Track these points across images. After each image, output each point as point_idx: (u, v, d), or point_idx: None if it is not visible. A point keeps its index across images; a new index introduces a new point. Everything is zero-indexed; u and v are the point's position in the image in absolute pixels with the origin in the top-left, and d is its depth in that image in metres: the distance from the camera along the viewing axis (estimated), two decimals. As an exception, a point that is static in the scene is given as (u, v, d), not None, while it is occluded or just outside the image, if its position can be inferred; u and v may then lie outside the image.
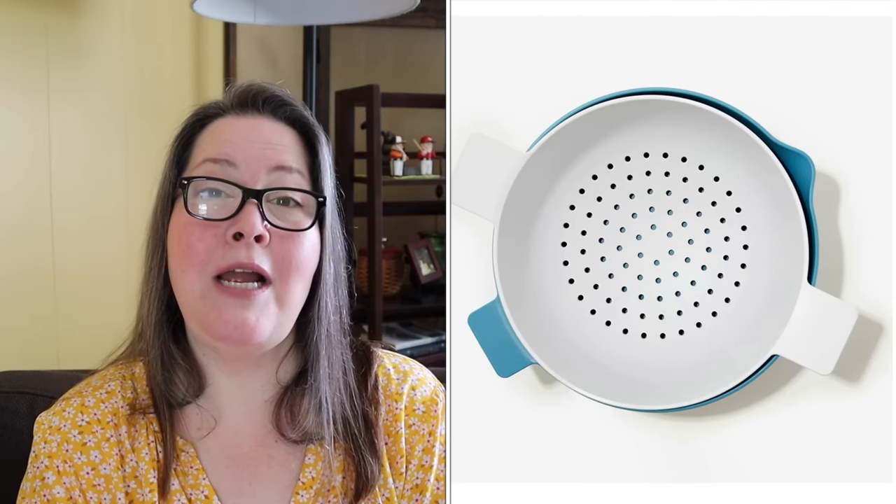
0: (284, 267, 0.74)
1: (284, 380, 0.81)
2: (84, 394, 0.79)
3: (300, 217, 0.76)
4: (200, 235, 0.73)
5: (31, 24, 2.03)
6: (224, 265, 0.73)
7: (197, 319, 0.75)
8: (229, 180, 0.75)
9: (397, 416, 0.83)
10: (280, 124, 0.79)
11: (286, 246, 0.75)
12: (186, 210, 0.74)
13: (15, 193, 2.05)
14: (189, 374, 0.79)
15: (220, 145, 0.76)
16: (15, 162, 2.05)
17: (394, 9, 1.77)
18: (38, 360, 2.00)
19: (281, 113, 0.80)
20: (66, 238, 2.11)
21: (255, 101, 0.79)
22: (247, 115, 0.79)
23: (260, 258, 0.73)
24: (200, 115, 0.79)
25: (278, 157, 0.76)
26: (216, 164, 0.75)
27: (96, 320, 1.91)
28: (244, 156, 0.75)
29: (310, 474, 0.79)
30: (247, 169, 0.75)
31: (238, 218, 0.73)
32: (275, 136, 0.78)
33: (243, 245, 0.73)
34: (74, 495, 0.75)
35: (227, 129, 0.78)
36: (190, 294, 0.74)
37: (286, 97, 0.80)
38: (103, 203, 2.13)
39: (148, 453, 0.77)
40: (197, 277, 0.73)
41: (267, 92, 0.80)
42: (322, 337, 0.79)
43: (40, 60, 2.05)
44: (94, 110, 2.12)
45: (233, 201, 0.74)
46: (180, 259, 0.74)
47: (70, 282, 2.11)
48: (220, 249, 0.73)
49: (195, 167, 0.76)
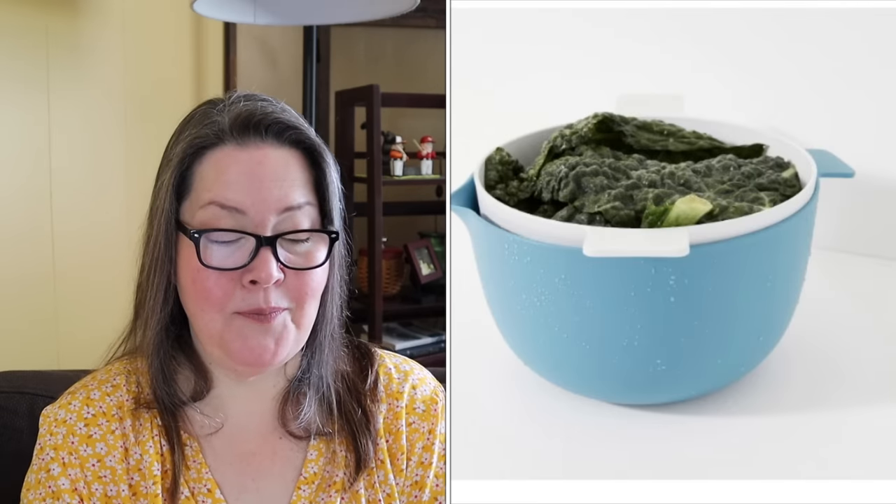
0: (300, 298, 0.76)
1: (291, 374, 0.83)
2: (90, 387, 0.80)
3: (310, 247, 0.77)
4: (217, 281, 0.74)
5: (31, 24, 2.03)
6: (245, 308, 0.74)
7: (218, 347, 0.76)
8: (241, 230, 0.74)
9: (398, 414, 0.84)
10: (284, 150, 0.77)
11: (301, 280, 0.76)
12: (200, 261, 0.74)
13: (15, 194, 2.06)
14: (194, 378, 0.80)
15: (226, 188, 0.74)
16: (15, 162, 2.05)
17: (394, 9, 1.77)
18: (38, 361, 2.00)
19: (285, 138, 0.77)
20: (66, 238, 2.11)
21: (258, 127, 0.76)
22: (249, 145, 0.75)
23: (277, 299, 0.75)
24: (196, 143, 0.76)
25: (286, 196, 0.75)
26: (224, 210, 0.74)
27: (96, 321, 1.90)
28: (252, 200, 0.74)
29: (312, 469, 0.80)
30: (256, 214, 0.74)
31: (253, 265, 0.74)
32: (280, 168, 0.76)
33: (260, 290, 0.74)
34: (79, 487, 0.76)
35: (231, 166, 0.75)
36: (211, 329, 0.76)
37: (289, 120, 0.77)
38: (103, 203, 2.13)
39: (152, 446, 0.78)
40: (217, 317, 0.75)
41: (269, 117, 0.76)
42: (327, 333, 0.81)
43: (40, 60, 2.05)
44: (94, 110, 2.12)
45: (244, 244, 0.75)
46: (198, 301, 0.75)
47: (70, 282, 2.11)
48: (238, 293, 0.74)
49: (200, 207, 0.75)
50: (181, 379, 0.80)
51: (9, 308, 2.05)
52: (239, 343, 0.75)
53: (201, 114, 0.78)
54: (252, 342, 0.75)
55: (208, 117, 0.77)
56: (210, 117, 0.77)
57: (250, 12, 1.84)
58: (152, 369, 0.78)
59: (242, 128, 0.76)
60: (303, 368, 0.82)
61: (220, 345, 0.76)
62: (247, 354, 0.75)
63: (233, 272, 0.74)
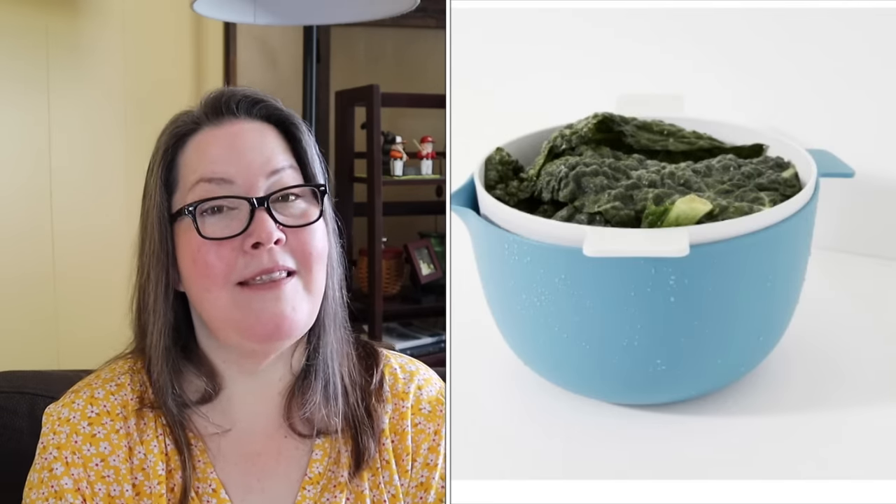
0: (306, 258, 0.76)
1: (297, 367, 0.83)
2: (94, 386, 0.80)
3: (303, 207, 0.78)
4: (218, 253, 0.75)
5: (31, 24, 2.03)
6: (248, 274, 0.74)
7: (233, 328, 0.76)
8: (232, 195, 0.76)
9: (403, 415, 0.84)
10: (258, 123, 0.80)
11: (302, 239, 0.76)
12: (198, 233, 0.75)
13: (15, 193, 2.05)
14: (204, 382, 0.80)
15: (210, 163, 0.77)
16: (15, 162, 2.05)
17: (394, 9, 1.77)
18: (38, 361, 2.00)
19: (256, 112, 0.80)
20: (66, 238, 2.11)
21: (229, 105, 0.79)
22: (223, 122, 0.79)
23: (283, 258, 0.75)
24: (176, 133, 0.79)
25: (269, 160, 0.77)
26: (211, 183, 0.76)
27: (96, 321, 1.90)
28: (237, 168, 0.76)
29: (316, 469, 0.80)
30: (244, 181, 0.76)
31: (252, 228, 0.74)
32: (257, 137, 0.79)
33: (264, 252, 0.74)
34: (82, 486, 0.76)
35: (211, 143, 0.78)
36: (220, 308, 0.76)
37: (256, 95, 0.81)
38: (103, 203, 2.13)
39: (156, 445, 0.78)
40: (222, 292, 0.75)
41: (238, 94, 0.80)
42: (330, 313, 0.82)
43: (40, 60, 2.05)
44: (94, 110, 2.12)
45: (238, 213, 0.76)
46: (201, 280, 0.75)
47: (70, 282, 2.11)
48: (240, 261, 0.75)
49: (189, 189, 0.77)
50: (188, 386, 0.80)
51: (9, 308, 2.05)
52: (252, 318, 0.75)
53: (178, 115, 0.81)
54: (265, 315, 0.74)
55: (184, 114, 0.81)
56: (185, 113, 0.81)
57: (250, 12, 1.84)
58: (161, 379, 0.78)
59: (214, 108, 0.79)
60: (308, 354, 0.82)
61: (233, 325, 0.76)
62: (262, 328, 0.75)
63: (233, 240, 0.75)
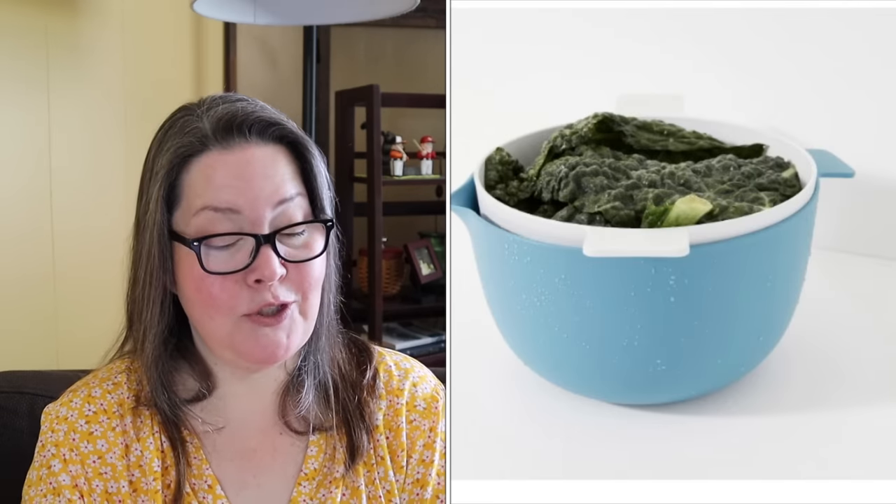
0: (304, 289, 0.77)
1: (291, 367, 0.83)
2: (91, 385, 0.81)
3: (307, 238, 0.77)
4: (222, 286, 0.74)
5: (31, 24, 2.03)
6: (254, 308, 0.75)
7: (230, 349, 0.77)
8: (238, 231, 0.75)
9: (398, 411, 0.84)
10: (269, 147, 0.77)
11: (303, 272, 0.76)
12: (202, 268, 0.74)
13: (15, 194, 2.05)
14: (197, 381, 0.81)
15: (218, 191, 0.74)
16: (15, 162, 2.05)
17: (394, 9, 1.77)
18: (38, 361, 2.00)
19: (268, 134, 0.77)
20: (66, 238, 2.11)
21: (241, 128, 0.76)
22: (234, 147, 0.75)
23: (284, 293, 0.75)
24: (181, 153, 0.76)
25: (277, 189, 0.75)
26: (218, 212, 0.74)
27: (96, 321, 1.90)
28: (245, 199, 0.74)
29: (312, 465, 0.81)
30: (251, 211, 0.74)
31: (256, 265, 0.74)
32: (268, 164, 0.76)
33: (266, 287, 0.74)
34: (80, 483, 0.76)
35: (220, 169, 0.75)
36: (221, 333, 0.76)
37: (270, 117, 0.77)
38: (103, 204, 2.13)
39: (152, 443, 0.78)
40: (226, 319, 0.75)
41: (251, 116, 0.76)
42: (325, 321, 0.82)
43: (40, 60, 2.05)
44: (93, 110, 2.12)
45: (243, 244, 0.75)
46: (205, 308, 0.76)
47: (70, 282, 2.11)
48: (244, 294, 0.75)
49: (193, 214, 0.75)
50: (182, 383, 0.81)
51: (9, 308, 2.05)
52: (251, 343, 0.76)
53: (181, 122, 0.77)
54: (264, 341, 0.75)
55: (188, 125, 0.77)
56: (190, 125, 0.76)
57: (250, 12, 1.84)
58: (151, 381, 0.79)
59: (225, 130, 0.76)
60: (302, 357, 0.83)
61: (230, 347, 0.77)
62: (259, 353, 0.76)
63: (237, 274, 0.74)
